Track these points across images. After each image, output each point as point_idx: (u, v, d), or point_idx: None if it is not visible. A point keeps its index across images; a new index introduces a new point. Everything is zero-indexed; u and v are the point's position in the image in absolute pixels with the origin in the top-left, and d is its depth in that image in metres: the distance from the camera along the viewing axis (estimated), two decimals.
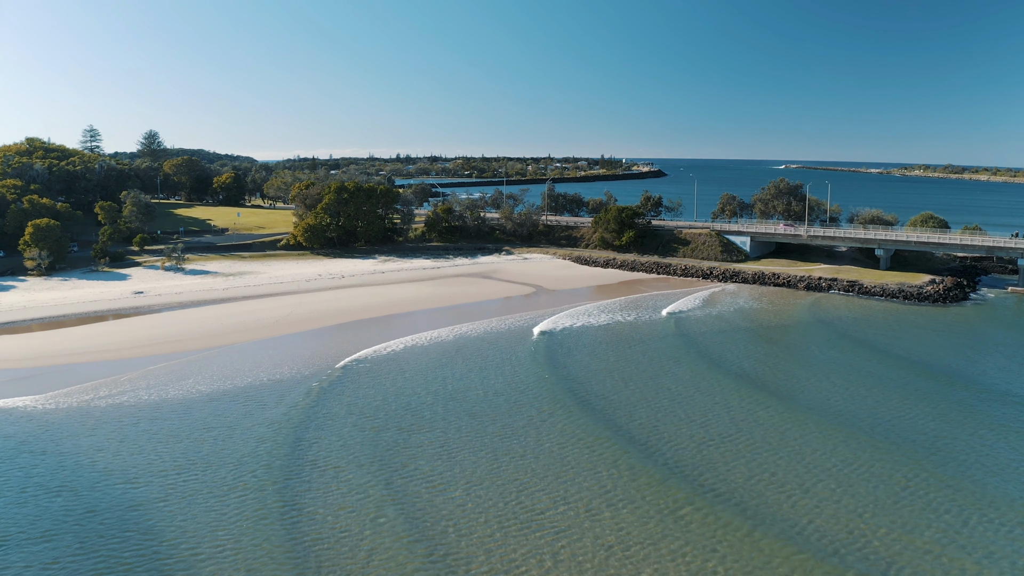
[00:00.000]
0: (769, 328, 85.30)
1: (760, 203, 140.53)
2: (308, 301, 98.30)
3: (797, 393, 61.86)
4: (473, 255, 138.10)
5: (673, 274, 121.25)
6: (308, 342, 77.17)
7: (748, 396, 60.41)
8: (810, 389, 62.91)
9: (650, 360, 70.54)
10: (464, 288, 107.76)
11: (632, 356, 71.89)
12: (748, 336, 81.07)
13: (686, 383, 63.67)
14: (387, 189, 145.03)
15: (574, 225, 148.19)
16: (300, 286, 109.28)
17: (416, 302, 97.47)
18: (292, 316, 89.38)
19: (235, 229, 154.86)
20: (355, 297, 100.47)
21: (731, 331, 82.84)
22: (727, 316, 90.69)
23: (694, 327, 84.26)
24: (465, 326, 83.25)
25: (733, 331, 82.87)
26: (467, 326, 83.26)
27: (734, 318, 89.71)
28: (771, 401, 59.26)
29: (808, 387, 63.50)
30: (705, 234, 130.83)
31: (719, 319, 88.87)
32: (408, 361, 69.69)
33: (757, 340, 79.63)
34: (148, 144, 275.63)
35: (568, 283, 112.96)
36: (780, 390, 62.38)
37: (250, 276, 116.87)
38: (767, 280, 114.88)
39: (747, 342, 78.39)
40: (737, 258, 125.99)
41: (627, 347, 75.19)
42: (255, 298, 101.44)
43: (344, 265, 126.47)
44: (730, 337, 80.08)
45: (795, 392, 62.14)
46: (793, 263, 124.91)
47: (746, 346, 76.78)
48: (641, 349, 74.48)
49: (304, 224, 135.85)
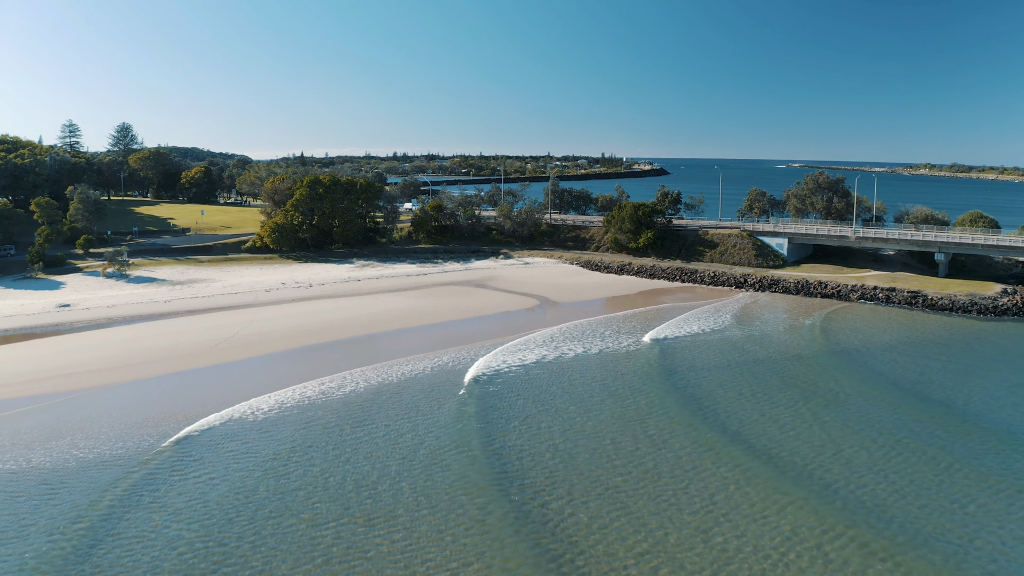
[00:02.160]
0: (865, 359, 67.37)
1: (796, 200, 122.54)
2: (262, 317, 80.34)
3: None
4: (466, 259, 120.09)
5: (700, 282, 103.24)
6: (226, 379, 59.07)
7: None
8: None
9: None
10: (453, 300, 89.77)
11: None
12: (859, 376, 63.18)
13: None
14: (368, 183, 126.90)
15: (582, 225, 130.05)
16: (258, 298, 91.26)
17: (393, 319, 79.44)
18: (236, 339, 71.39)
19: (197, 229, 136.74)
20: (319, 312, 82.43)
21: (836, 365, 64.96)
22: (809, 341, 72.78)
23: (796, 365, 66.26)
24: (448, 353, 65.14)
25: (837, 364, 64.99)
26: (450, 353, 65.15)
27: (815, 346, 71.74)
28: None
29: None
30: (735, 235, 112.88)
31: (810, 344, 70.96)
32: (343, 427, 51.52)
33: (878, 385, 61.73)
34: (121, 138, 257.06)
35: (578, 293, 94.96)
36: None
37: (202, 285, 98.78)
38: (813, 290, 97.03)
39: (860, 384, 60.49)
40: (774, 263, 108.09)
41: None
42: (201, 313, 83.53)
43: (314, 271, 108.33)
44: (836, 378, 62.19)
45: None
46: (839, 269, 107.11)
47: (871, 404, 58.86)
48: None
49: (271, 224, 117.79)
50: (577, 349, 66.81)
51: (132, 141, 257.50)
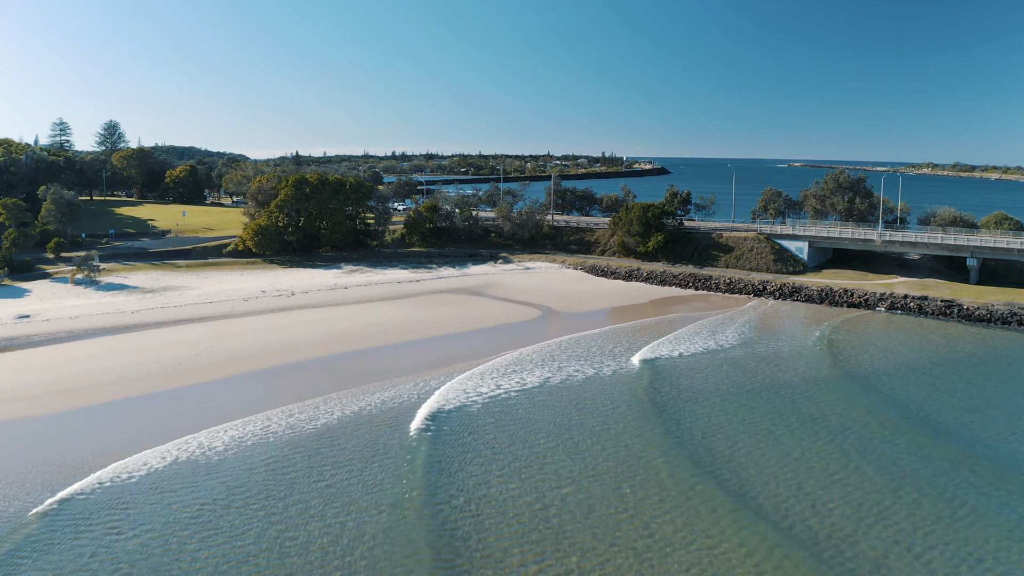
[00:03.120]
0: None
1: (814, 200, 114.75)
2: (235, 331, 72.67)
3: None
4: (462, 264, 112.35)
5: (715, 289, 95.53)
6: (181, 407, 51.22)
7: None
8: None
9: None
10: (448, 311, 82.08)
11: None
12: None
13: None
14: (358, 182, 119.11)
15: (586, 227, 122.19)
16: (233, 308, 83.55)
17: (379, 333, 71.68)
18: (203, 356, 63.73)
19: (178, 231, 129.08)
20: (298, 325, 74.69)
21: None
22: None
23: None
24: (436, 375, 57.36)
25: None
26: (437, 375, 57.38)
27: (841, 368, 63.98)
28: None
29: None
30: (751, 238, 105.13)
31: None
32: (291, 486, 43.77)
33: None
34: (108, 136, 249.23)
35: (584, 302, 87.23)
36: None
37: (175, 293, 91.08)
38: (838, 299, 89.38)
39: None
40: (794, 268, 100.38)
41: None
42: (170, 325, 75.87)
43: (297, 277, 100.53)
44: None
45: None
46: (863, 275, 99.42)
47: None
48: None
49: (254, 226, 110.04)
50: (586, 371, 59.13)
51: (119, 139, 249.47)
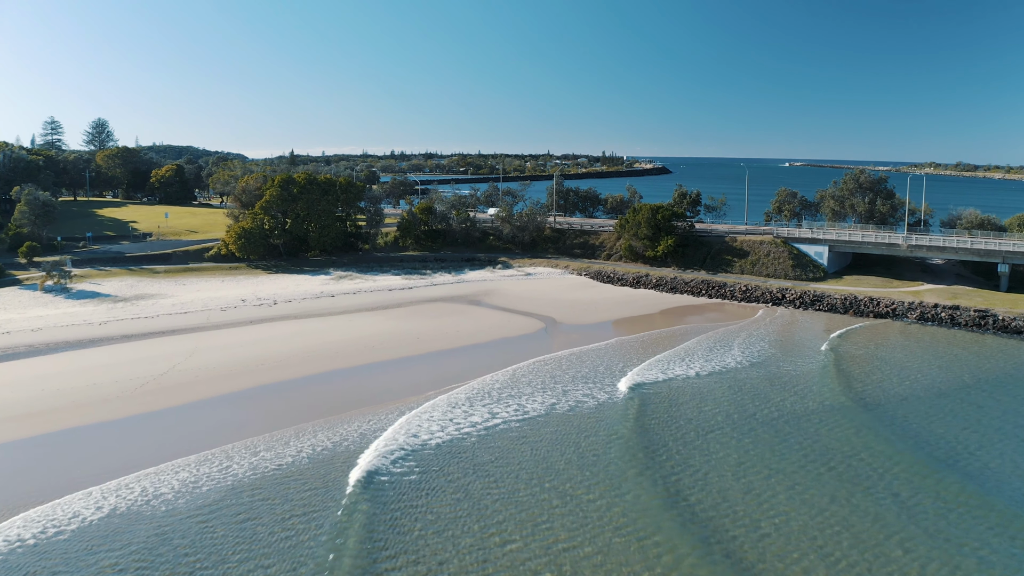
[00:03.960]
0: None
1: (833, 201, 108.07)
2: (208, 346, 66.06)
3: None
4: (459, 269, 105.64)
5: (730, 298, 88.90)
6: (127, 440, 44.61)
7: None
8: None
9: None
10: (442, 322, 75.46)
11: None
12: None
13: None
14: (348, 182, 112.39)
15: (591, 229, 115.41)
16: (209, 318, 76.92)
17: (364, 349, 64.97)
18: (167, 377, 57.13)
19: (159, 234, 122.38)
20: (276, 339, 68.02)
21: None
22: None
23: None
24: (422, 402, 50.67)
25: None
26: (424, 402, 50.69)
27: (867, 395, 57.33)
28: None
29: None
30: (768, 242, 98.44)
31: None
32: None
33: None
34: (96, 135, 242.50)
35: (590, 312, 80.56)
36: None
37: (149, 302, 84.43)
38: (863, 308, 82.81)
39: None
40: (813, 274, 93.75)
41: None
42: (138, 339, 69.26)
43: (282, 284, 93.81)
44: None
45: None
46: (888, 282, 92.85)
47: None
48: None
49: (237, 228, 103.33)
50: (601, 395, 52.53)
51: (108, 138, 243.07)
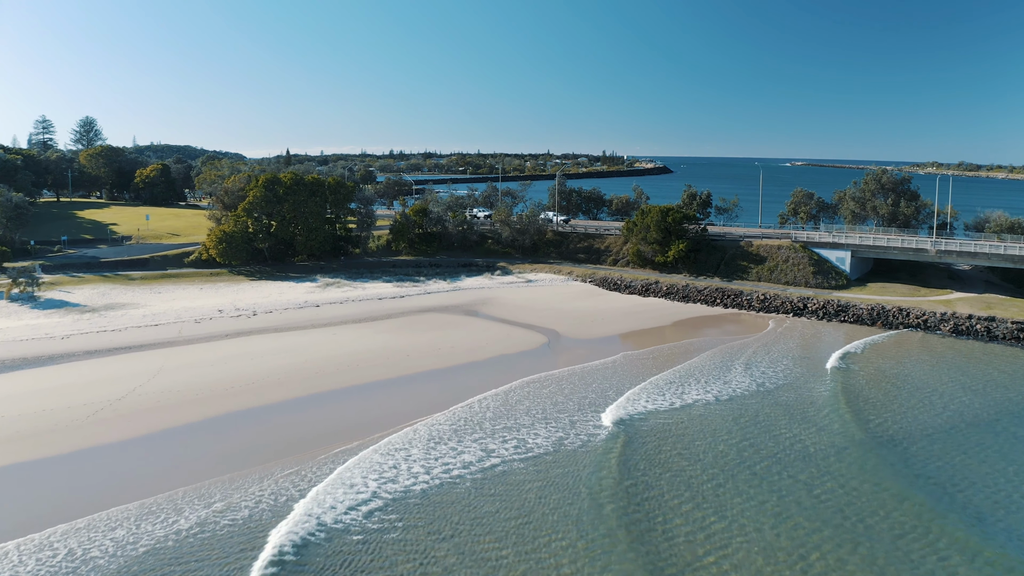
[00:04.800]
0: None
1: (853, 203, 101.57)
2: (176, 364, 59.57)
3: None
4: (455, 275, 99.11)
5: (747, 307, 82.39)
6: (56, 485, 38.12)
7: None
8: None
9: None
10: (435, 336, 68.95)
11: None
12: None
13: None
14: (338, 182, 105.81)
15: (595, 232, 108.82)
16: (182, 331, 70.42)
17: (348, 368, 58.43)
18: (126, 401, 50.70)
19: (139, 237, 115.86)
20: (251, 356, 61.50)
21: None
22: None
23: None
24: (406, 436, 44.07)
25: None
26: (408, 437, 44.08)
27: (897, 428, 50.78)
28: None
29: None
30: (786, 247, 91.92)
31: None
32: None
33: None
34: (84, 133, 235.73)
35: (597, 324, 74.01)
36: None
37: (119, 313, 77.90)
38: (892, 320, 76.42)
39: None
40: (835, 282, 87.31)
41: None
42: (101, 355, 62.79)
43: (264, 292, 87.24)
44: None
45: None
46: (915, 290, 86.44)
47: None
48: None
49: (218, 232, 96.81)
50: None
51: (96, 136, 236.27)
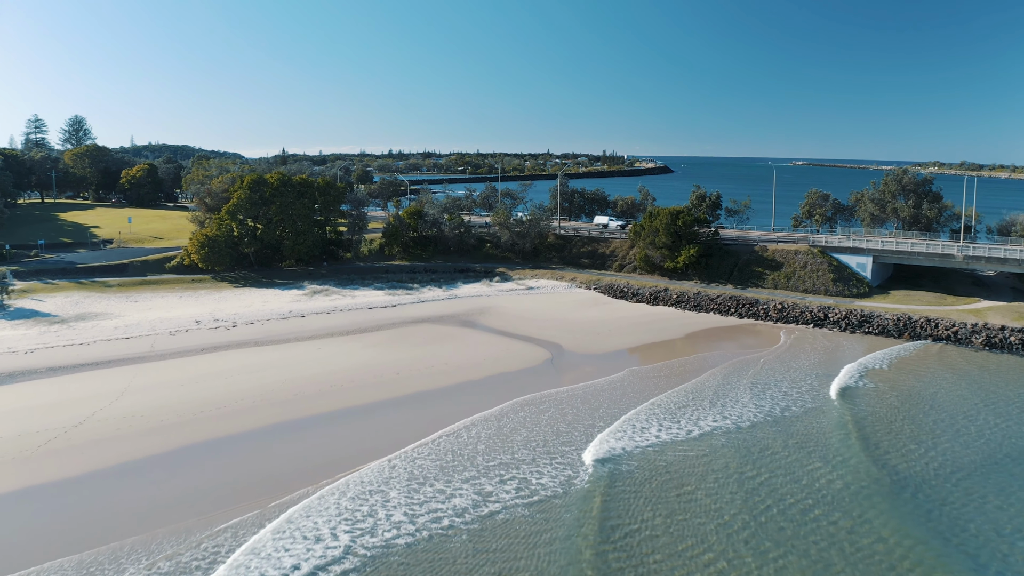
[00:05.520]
0: None
1: (872, 205, 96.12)
2: (143, 384, 54.19)
3: None
4: (451, 282, 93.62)
5: (763, 317, 76.97)
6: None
7: None
8: None
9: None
10: (428, 351, 63.51)
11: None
12: None
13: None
14: (328, 183, 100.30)
15: (600, 236, 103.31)
16: (154, 345, 64.98)
17: (330, 389, 52.96)
18: (85, 427, 45.46)
19: (120, 241, 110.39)
20: (226, 374, 56.06)
21: None
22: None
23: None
24: (381, 476, 38.66)
25: None
26: (383, 476, 38.67)
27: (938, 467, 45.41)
28: None
29: None
30: (803, 252, 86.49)
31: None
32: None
33: None
34: (73, 133, 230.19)
35: (604, 337, 68.54)
36: None
37: (90, 324, 72.40)
38: (919, 331, 71.09)
39: None
40: (857, 289, 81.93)
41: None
42: (68, 372, 57.53)
43: (247, 301, 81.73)
44: None
45: None
46: (940, 298, 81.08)
47: None
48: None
49: (200, 236, 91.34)
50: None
51: (85, 136, 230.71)
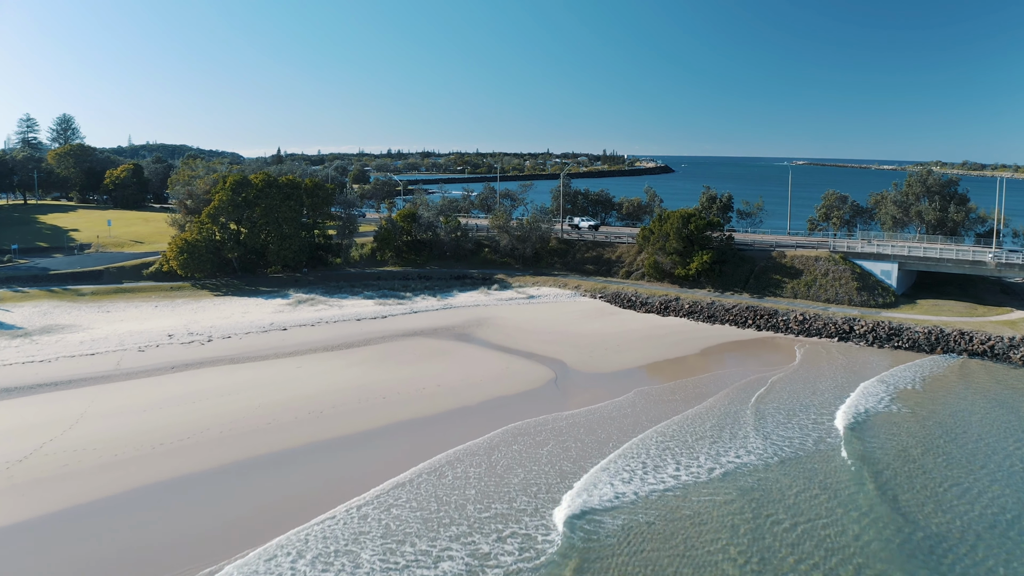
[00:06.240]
0: None
1: (895, 207, 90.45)
2: (101, 408, 48.55)
3: None
4: (446, 290, 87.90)
5: (783, 330, 71.25)
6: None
7: None
8: None
9: None
10: (419, 369, 57.81)
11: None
12: None
13: None
14: (316, 184, 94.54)
15: (605, 241, 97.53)
16: (121, 362, 59.27)
17: (307, 417, 47.19)
18: (29, 463, 39.96)
19: (99, 245, 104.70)
20: (193, 398, 50.30)
21: None
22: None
23: None
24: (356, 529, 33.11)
25: None
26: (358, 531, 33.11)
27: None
28: None
29: None
30: (824, 258, 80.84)
31: None
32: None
33: None
34: (61, 132, 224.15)
35: (612, 353, 62.76)
36: None
37: (56, 337, 66.63)
38: (952, 345, 65.50)
39: None
40: (882, 299, 76.28)
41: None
42: (22, 394, 51.97)
43: (225, 312, 75.92)
44: None
45: None
46: (971, 308, 75.41)
47: None
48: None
49: (179, 241, 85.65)
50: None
51: (73, 135, 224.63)
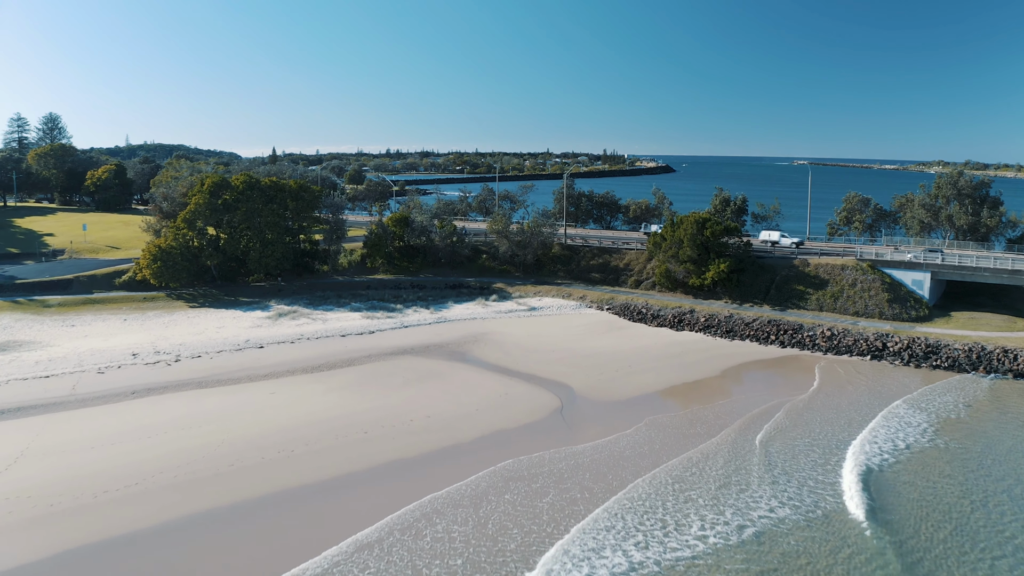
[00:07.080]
0: None
1: (923, 211, 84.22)
2: (48, 444, 42.43)
3: None
4: (441, 301, 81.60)
5: (809, 347, 64.98)
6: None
7: None
8: None
9: None
10: (408, 395, 51.54)
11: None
12: None
13: None
14: (301, 186, 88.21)
15: (612, 247, 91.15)
16: (77, 386, 52.97)
17: (277, 458, 40.87)
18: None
19: (73, 251, 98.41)
20: (152, 431, 44.01)
21: None
22: None
23: None
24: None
25: None
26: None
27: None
28: None
29: None
30: (851, 267, 74.57)
31: None
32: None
33: None
34: (47, 132, 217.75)
35: (623, 376, 56.54)
36: None
37: (11, 356, 60.12)
38: (996, 364, 59.39)
39: None
40: (915, 311, 70.04)
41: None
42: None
43: (198, 326, 69.55)
44: None
45: None
46: (1009, 321, 69.07)
47: None
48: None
49: (153, 247, 79.39)
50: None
51: (60, 135, 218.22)
